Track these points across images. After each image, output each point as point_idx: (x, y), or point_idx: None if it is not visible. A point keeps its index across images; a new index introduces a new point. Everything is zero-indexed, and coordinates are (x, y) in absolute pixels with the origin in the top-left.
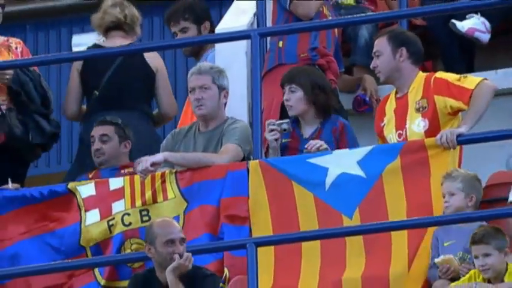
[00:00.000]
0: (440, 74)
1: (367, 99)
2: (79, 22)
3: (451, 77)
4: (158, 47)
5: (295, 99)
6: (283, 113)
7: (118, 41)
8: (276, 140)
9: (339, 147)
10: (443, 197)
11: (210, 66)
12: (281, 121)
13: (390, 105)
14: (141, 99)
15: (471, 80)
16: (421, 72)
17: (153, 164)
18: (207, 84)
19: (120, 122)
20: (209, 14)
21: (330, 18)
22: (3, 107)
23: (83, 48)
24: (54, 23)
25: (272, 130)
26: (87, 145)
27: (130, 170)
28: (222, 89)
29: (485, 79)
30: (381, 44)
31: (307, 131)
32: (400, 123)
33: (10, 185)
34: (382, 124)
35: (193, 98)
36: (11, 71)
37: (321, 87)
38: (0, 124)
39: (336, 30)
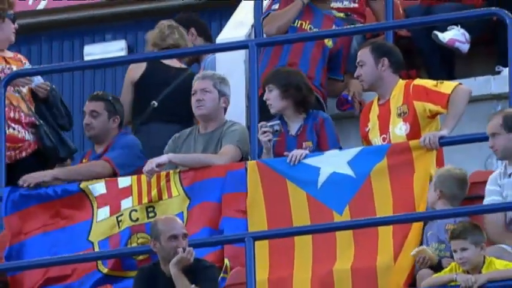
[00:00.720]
0: (418, 81)
1: (350, 98)
2: (90, 33)
3: (428, 83)
4: (170, 55)
5: (272, 97)
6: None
7: (175, 61)
8: (269, 140)
9: (319, 140)
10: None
11: (213, 73)
12: (273, 123)
13: (373, 112)
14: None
15: (447, 85)
16: (401, 80)
17: (158, 165)
18: (208, 88)
19: (111, 98)
20: (195, 21)
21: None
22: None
23: (94, 57)
24: (66, 34)
25: (265, 132)
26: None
27: None
28: (222, 95)
29: (460, 84)
30: (364, 55)
31: (292, 128)
32: (384, 128)
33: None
34: (367, 129)
35: (195, 100)
36: (47, 84)
37: (294, 85)
38: (34, 134)
39: (322, 44)
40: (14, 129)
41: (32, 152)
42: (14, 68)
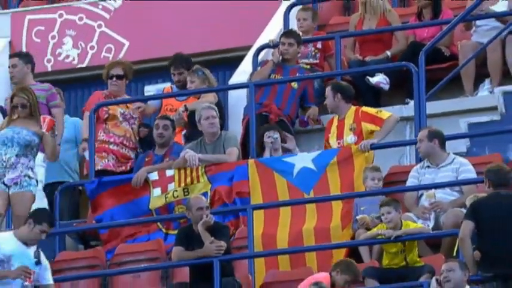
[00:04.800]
0: (365, 108)
1: (305, 119)
2: (148, 78)
3: (372, 110)
4: (193, 93)
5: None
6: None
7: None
8: (271, 143)
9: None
10: (373, 179)
11: (212, 105)
12: (272, 133)
13: (334, 125)
14: None
15: (384, 113)
16: (353, 106)
17: (199, 160)
18: (214, 115)
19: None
20: (191, 64)
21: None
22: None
23: (150, 93)
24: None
25: (268, 137)
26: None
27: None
28: (219, 119)
29: (393, 114)
30: (327, 91)
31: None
32: (340, 136)
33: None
34: (329, 135)
35: (208, 122)
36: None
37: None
38: (135, 156)
39: (290, 86)
40: (126, 150)
41: (131, 168)
42: (131, 112)
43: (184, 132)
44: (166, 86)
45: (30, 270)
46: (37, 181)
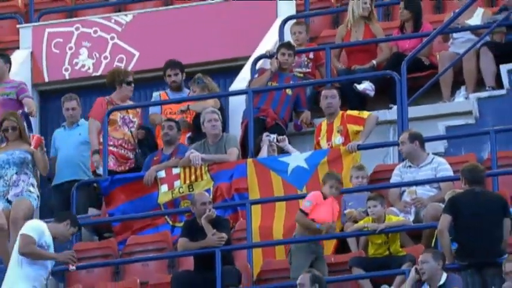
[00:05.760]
0: (349, 112)
1: (299, 123)
2: (156, 85)
3: (354, 113)
4: (199, 98)
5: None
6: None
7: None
8: (269, 141)
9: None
10: (357, 178)
11: (215, 109)
12: (270, 134)
13: (324, 128)
14: None
15: (365, 113)
16: (340, 111)
17: (202, 159)
18: (216, 118)
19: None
20: (184, 66)
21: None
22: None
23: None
24: (142, 87)
25: (268, 136)
26: None
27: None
28: (221, 122)
29: (372, 113)
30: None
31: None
32: (329, 138)
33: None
34: (320, 138)
35: (211, 124)
36: (145, 132)
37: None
38: (134, 156)
39: (285, 93)
40: (125, 151)
41: (130, 168)
42: (131, 116)
43: (188, 134)
44: (161, 92)
45: (76, 257)
46: (38, 196)
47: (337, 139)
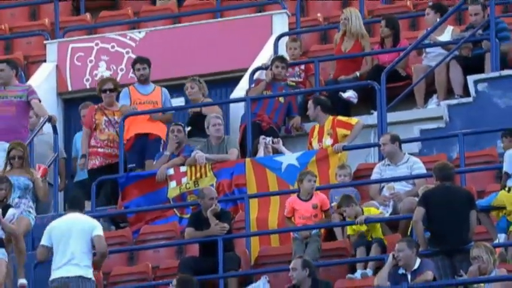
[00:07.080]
0: (340, 117)
1: (289, 128)
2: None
3: (344, 118)
4: (199, 105)
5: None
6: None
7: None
8: (265, 143)
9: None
10: (340, 176)
11: (218, 114)
12: (266, 137)
13: (316, 130)
14: None
15: (353, 120)
16: (330, 116)
17: (206, 159)
18: (220, 123)
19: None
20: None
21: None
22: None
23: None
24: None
25: (264, 138)
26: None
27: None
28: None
29: (359, 120)
30: (309, 104)
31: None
32: (320, 140)
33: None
34: (312, 139)
35: (215, 128)
36: None
37: None
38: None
39: (278, 101)
40: (111, 150)
41: (116, 162)
42: (116, 118)
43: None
44: (130, 87)
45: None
46: (35, 217)
47: (327, 141)
